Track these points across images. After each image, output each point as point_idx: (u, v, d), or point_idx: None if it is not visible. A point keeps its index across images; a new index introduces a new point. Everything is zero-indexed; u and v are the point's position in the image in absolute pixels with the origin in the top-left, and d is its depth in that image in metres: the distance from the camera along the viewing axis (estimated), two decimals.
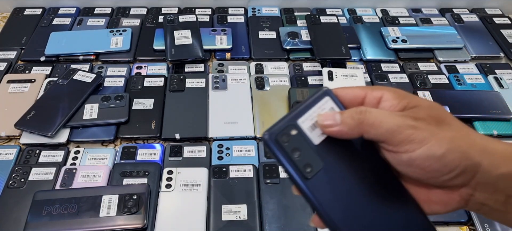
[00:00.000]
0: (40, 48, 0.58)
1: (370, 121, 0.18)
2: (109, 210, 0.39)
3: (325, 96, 0.19)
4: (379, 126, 0.18)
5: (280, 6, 0.70)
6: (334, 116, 0.19)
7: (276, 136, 0.18)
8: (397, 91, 0.19)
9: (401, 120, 0.18)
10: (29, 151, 0.45)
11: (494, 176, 0.18)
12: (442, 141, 0.18)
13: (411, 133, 0.17)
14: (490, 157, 0.18)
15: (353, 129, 0.18)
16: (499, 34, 0.64)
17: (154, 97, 0.51)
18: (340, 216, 0.19)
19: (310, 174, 0.19)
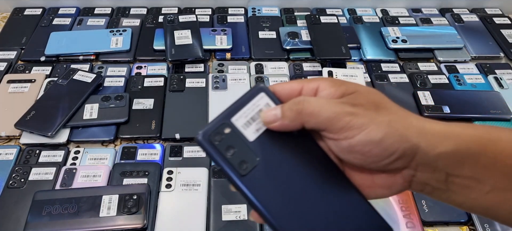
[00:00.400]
0: (40, 48, 0.58)
1: (309, 110, 0.18)
2: (109, 210, 0.39)
3: (260, 92, 0.20)
4: (318, 114, 0.18)
5: (280, 6, 0.70)
6: (274, 111, 0.19)
7: (208, 135, 0.19)
8: (333, 80, 0.20)
9: (339, 107, 0.18)
10: (29, 151, 0.45)
11: (432, 156, 0.18)
12: (380, 125, 0.18)
13: (349, 119, 0.18)
14: (428, 137, 0.18)
15: (294, 120, 0.19)
16: (499, 34, 0.64)
17: (154, 97, 0.51)
18: (276, 211, 0.19)
19: (245, 171, 0.19)
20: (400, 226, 0.40)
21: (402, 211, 0.41)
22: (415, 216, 0.40)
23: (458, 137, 0.18)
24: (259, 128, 0.19)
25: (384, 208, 0.41)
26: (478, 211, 0.20)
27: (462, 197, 0.19)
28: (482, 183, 0.19)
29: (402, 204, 0.41)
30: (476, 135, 0.19)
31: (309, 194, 0.19)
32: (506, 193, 0.18)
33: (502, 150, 0.18)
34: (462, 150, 0.18)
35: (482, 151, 0.18)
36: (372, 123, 0.18)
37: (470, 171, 0.18)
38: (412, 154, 0.18)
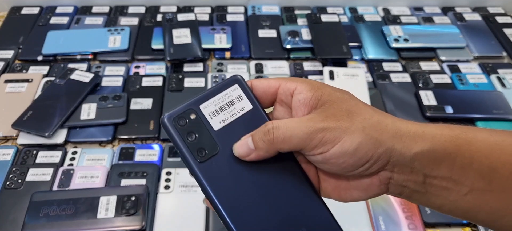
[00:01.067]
0: (37, 48, 0.58)
1: (280, 138, 0.18)
2: (107, 212, 0.38)
3: (234, 84, 0.20)
4: (290, 140, 0.18)
5: (281, 5, 0.69)
6: (246, 144, 0.19)
7: (173, 118, 0.19)
8: (311, 83, 0.20)
9: (310, 125, 0.18)
10: (26, 151, 0.45)
11: (408, 157, 0.18)
12: (354, 135, 0.18)
13: (322, 135, 0.18)
14: (403, 139, 0.18)
15: (268, 150, 0.19)
16: (502, 34, 0.64)
17: (152, 97, 0.51)
18: (227, 201, 0.19)
19: (203, 158, 0.19)
20: (402, 228, 0.39)
21: (404, 213, 0.40)
22: (417, 218, 0.40)
23: (433, 137, 0.18)
24: (226, 118, 0.19)
25: (385, 209, 0.40)
26: (458, 214, 0.19)
27: (441, 199, 0.19)
28: (459, 184, 0.18)
29: (404, 205, 0.41)
30: (452, 135, 0.19)
31: (263, 189, 0.19)
32: (484, 194, 0.18)
33: (478, 150, 0.18)
34: (438, 149, 0.18)
35: (458, 151, 0.18)
36: (345, 134, 0.18)
37: (447, 172, 0.18)
38: (387, 157, 0.18)
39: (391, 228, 0.39)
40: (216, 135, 0.19)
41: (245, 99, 0.20)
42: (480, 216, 0.19)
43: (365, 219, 0.40)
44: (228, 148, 0.19)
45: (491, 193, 0.18)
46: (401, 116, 0.50)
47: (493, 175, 0.18)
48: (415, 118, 0.50)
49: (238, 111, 0.20)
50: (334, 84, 0.50)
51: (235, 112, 0.20)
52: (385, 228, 0.39)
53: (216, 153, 0.19)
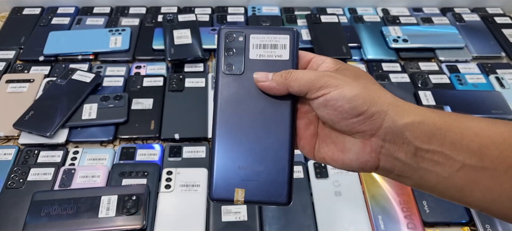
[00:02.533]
0: (38, 48, 0.58)
1: (293, 77, 0.21)
2: (108, 211, 0.38)
3: (287, 34, 0.23)
4: (301, 78, 0.21)
5: (280, 5, 0.69)
6: (267, 75, 0.22)
7: (227, 31, 0.23)
8: (336, 60, 0.23)
9: (321, 73, 0.21)
10: (27, 151, 0.45)
11: (400, 125, 0.20)
12: (354, 87, 0.20)
13: (327, 79, 0.21)
14: (397, 108, 0.20)
15: (280, 84, 0.22)
16: (501, 34, 0.64)
17: (153, 97, 0.51)
18: (224, 112, 0.22)
19: (226, 71, 0.23)
20: (402, 227, 0.39)
21: (403, 212, 0.40)
22: (416, 217, 0.40)
23: (425, 113, 0.20)
24: (262, 54, 0.23)
25: (385, 208, 0.41)
26: (453, 194, 0.20)
27: (434, 176, 0.20)
28: (451, 159, 0.19)
29: (403, 204, 0.41)
30: (443, 114, 0.20)
31: (254, 119, 0.22)
32: (477, 172, 0.19)
33: (468, 128, 0.19)
34: (428, 123, 0.20)
35: (449, 128, 0.19)
36: (347, 85, 0.20)
37: (438, 146, 0.19)
38: (380, 120, 0.20)
39: (390, 227, 0.39)
40: (248, 62, 0.23)
41: (287, 50, 0.22)
42: (475, 195, 0.19)
43: (365, 218, 0.40)
44: (250, 75, 0.22)
45: (483, 170, 0.19)
46: None
47: (484, 152, 0.19)
48: None
49: (276, 55, 0.23)
50: None
51: (273, 55, 0.23)
52: (385, 227, 0.39)
53: (239, 73, 0.22)
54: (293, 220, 0.39)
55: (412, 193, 0.42)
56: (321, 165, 0.44)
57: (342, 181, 0.43)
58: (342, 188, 0.42)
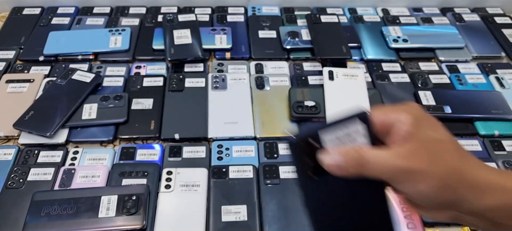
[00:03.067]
0: (38, 48, 0.58)
1: (368, 171, 0.20)
2: (108, 211, 0.38)
3: (357, 119, 0.21)
4: (375, 173, 0.20)
5: (280, 5, 0.69)
6: (337, 162, 0.20)
7: (297, 140, 0.21)
8: (412, 115, 0.21)
9: (397, 163, 0.20)
10: (27, 151, 0.45)
11: (481, 209, 0.20)
12: (432, 181, 0.20)
13: (402, 177, 0.20)
14: (478, 191, 0.20)
15: (353, 173, 0.20)
16: (501, 34, 0.64)
17: (153, 97, 0.51)
18: (315, 213, 0.22)
19: (311, 176, 0.21)
20: (402, 227, 0.39)
21: (403, 212, 0.40)
22: (416, 217, 0.40)
23: (504, 191, 0.20)
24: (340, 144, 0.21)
25: None
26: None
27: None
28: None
29: (403, 205, 0.41)
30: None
31: (346, 202, 0.22)
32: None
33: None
34: (508, 204, 0.20)
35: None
36: (422, 178, 0.20)
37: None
38: (460, 204, 0.20)
39: None
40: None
41: (361, 135, 0.21)
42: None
43: None
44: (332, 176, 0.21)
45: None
46: None
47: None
48: None
49: (351, 142, 0.21)
50: (333, 85, 0.51)
51: (348, 142, 0.21)
52: None
53: (325, 175, 0.21)
54: (293, 220, 0.39)
55: None
56: None
57: None
58: None
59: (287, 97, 0.51)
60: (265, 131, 0.48)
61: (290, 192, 0.41)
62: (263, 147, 0.46)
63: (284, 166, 0.44)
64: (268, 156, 0.46)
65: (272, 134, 0.48)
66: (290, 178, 0.43)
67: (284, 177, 0.43)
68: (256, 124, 0.49)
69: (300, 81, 0.55)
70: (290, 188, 0.42)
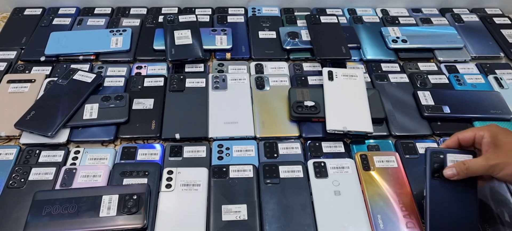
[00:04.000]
0: (40, 48, 0.58)
1: (471, 171, 0.36)
2: (109, 210, 0.39)
3: (468, 153, 0.38)
4: (474, 172, 0.36)
5: (280, 6, 0.70)
6: (453, 171, 0.37)
7: (433, 151, 0.38)
8: (490, 131, 0.37)
9: (485, 164, 0.35)
10: (29, 151, 0.45)
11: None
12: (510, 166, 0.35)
13: (493, 169, 0.35)
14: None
15: (464, 176, 0.37)
16: (499, 34, 0.64)
17: (154, 97, 0.51)
18: (433, 208, 0.37)
19: (435, 178, 0.38)
20: (401, 226, 0.40)
21: (402, 211, 0.41)
22: (415, 216, 0.40)
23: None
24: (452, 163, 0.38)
25: (384, 208, 0.41)
26: None
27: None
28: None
29: (402, 204, 0.41)
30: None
31: (453, 199, 0.37)
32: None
33: None
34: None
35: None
36: (506, 166, 0.34)
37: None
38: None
39: (389, 226, 0.40)
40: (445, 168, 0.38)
41: (464, 157, 0.38)
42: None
43: (364, 217, 0.40)
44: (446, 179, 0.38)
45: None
46: (399, 115, 0.51)
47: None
48: (413, 118, 0.51)
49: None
50: (333, 85, 0.51)
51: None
52: (384, 227, 0.40)
53: (440, 177, 0.38)
54: (293, 219, 0.39)
55: (411, 192, 0.42)
56: (320, 164, 0.44)
57: (341, 180, 0.43)
58: (341, 187, 0.42)
59: (287, 97, 0.52)
60: (265, 130, 0.48)
61: (290, 191, 0.42)
62: (263, 147, 0.47)
63: (284, 166, 0.44)
64: (268, 156, 0.46)
65: (272, 133, 0.48)
66: (290, 177, 0.43)
67: (284, 176, 0.43)
68: (256, 123, 0.49)
69: (300, 82, 0.55)
70: (290, 188, 0.42)
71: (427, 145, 0.48)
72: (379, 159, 0.45)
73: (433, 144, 0.48)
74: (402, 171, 0.44)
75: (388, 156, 0.45)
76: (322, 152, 0.46)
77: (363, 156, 0.45)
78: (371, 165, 0.44)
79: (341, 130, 0.46)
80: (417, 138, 0.49)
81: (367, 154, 0.45)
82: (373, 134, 0.47)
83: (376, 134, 0.48)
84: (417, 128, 0.49)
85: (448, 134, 0.49)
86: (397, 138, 0.49)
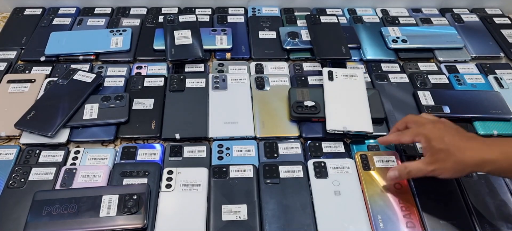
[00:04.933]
0: (40, 48, 0.58)
1: (411, 173, 0.40)
2: (109, 210, 0.39)
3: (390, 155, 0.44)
4: (414, 174, 0.40)
5: (280, 6, 0.70)
6: (395, 172, 0.41)
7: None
8: (428, 138, 0.39)
9: (424, 167, 0.38)
10: (29, 151, 0.45)
11: (484, 172, 0.38)
12: (448, 173, 0.38)
13: (433, 173, 0.38)
14: (477, 168, 0.37)
15: (404, 178, 0.42)
16: (499, 34, 0.64)
17: (154, 97, 0.51)
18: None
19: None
20: (401, 226, 0.40)
21: (402, 211, 0.41)
22: (415, 216, 0.40)
23: (490, 163, 0.36)
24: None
25: (384, 207, 0.41)
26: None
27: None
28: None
29: (402, 204, 0.41)
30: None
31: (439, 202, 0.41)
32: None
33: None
34: (498, 168, 0.36)
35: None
36: (443, 173, 0.37)
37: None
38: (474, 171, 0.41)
39: (389, 226, 0.40)
40: None
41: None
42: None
43: (364, 217, 0.40)
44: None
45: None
46: (399, 115, 0.51)
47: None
48: None
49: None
50: (333, 85, 0.51)
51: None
52: (384, 226, 0.40)
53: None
54: (293, 219, 0.39)
55: (410, 192, 0.42)
56: (320, 164, 0.44)
57: (341, 180, 0.43)
58: (341, 187, 0.42)
59: (287, 97, 0.52)
60: (265, 130, 0.48)
61: (290, 191, 0.42)
62: (263, 147, 0.47)
63: (284, 166, 0.44)
64: (268, 156, 0.46)
65: (272, 133, 0.48)
66: (290, 177, 0.43)
67: (284, 176, 0.43)
68: (256, 123, 0.49)
69: (300, 82, 0.55)
70: (290, 187, 0.42)
71: None
72: (379, 159, 0.45)
73: None
74: None
75: (388, 156, 0.45)
76: (322, 152, 0.46)
77: (363, 156, 0.45)
78: (371, 165, 0.44)
79: (341, 130, 0.46)
80: None
81: (367, 154, 0.45)
82: (373, 134, 0.47)
83: (376, 134, 0.48)
84: None
85: None
86: None
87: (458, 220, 0.39)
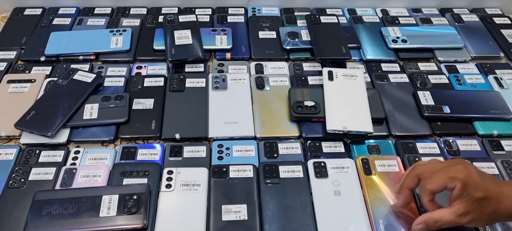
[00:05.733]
0: (40, 48, 0.58)
1: (438, 224, 0.36)
2: (109, 210, 0.39)
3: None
4: (441, 224, 0.36)
5: (280, 6, 0.70)
6: (422, 226, 0.37)
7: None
8: (462, 181, 0.34)
9: (457, 220, 0.35)
10: (29, 151, 0.45)
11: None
12: (478, 223, 0.37)
13: (462, 224, 0.35)
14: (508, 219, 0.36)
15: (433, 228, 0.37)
16: (499, 34, 0.64)
17: (154, 97, 0.51)
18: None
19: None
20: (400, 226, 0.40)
21: (404, 216, 0.41)
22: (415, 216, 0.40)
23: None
24: None
25: (385, 213, 0.41)
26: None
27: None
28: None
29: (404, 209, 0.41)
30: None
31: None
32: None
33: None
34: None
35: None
36: (475, 221, 0.34)
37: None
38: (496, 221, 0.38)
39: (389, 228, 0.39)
40: None
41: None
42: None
43: (364, 217, 0.40)
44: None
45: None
46: (399, 115, 0.51)
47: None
48: (413, 118, 0.51)
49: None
50: (333, 85, 0.51)
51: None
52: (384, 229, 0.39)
53: None
54: (293, 219, 0.39)
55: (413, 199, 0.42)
56: (320, 164, 0.44)
57: (341, 180, 0.43)
58: (341, 187, 0.42)
59: (287, 97, 0.52)
60: (265, 130, 0.48)
61: (290, 191, 0.42)
62: (263, 147, 0.47)
63: (284, 166, 0.44)
64: (268, 156, 0.46)
65: (272, 133, 0.48)
66: (290, 177, 0.43)
67: (284, 176, 0.43)
68: (256, 123, 0.49)
69: (300, 82, 0.55)
70: (290, 187, 0.42)
71: (427, 144, 0.48)
72: (380, 163, 0.45)
73: (433, 144, 0.48)
74: None
75: (390, 160, 0.45)
76: (322, 152, 0.46)
77: (365, 160, 0.45)
78: (372, 169, 0.44)
79: (341, 130, 0.46)
80: (417, 138, 0.49)
81: (368, 158, 0.45)
82: (373, 134, 0.47)
83: (376, 134, 0.48)
84: (417, 128, 0.49)
85: (448, 134, 0.49)
86: (397, 138, 0.49)
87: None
